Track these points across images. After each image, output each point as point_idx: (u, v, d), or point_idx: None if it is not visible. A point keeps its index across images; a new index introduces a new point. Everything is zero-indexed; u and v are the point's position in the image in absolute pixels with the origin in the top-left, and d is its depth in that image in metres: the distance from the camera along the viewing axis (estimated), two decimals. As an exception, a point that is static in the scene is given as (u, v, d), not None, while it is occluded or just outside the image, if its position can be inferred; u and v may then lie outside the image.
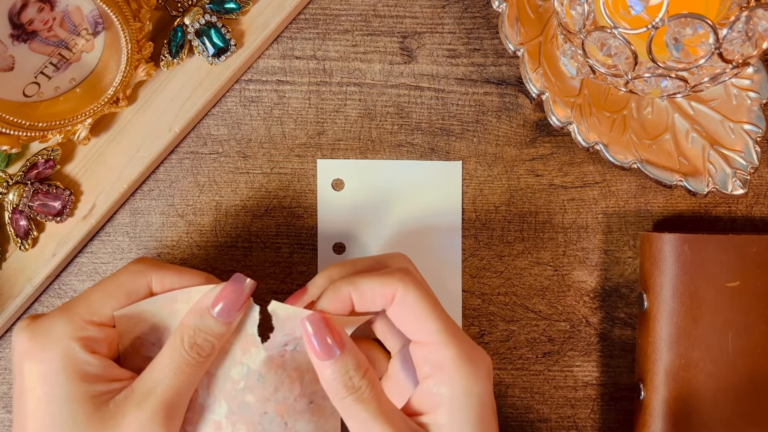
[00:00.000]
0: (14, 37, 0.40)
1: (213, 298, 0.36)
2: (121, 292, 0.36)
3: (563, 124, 0.43)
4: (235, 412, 0.37)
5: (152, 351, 0.37)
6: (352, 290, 0.36)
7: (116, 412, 0.34)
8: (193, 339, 0.35)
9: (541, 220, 0.46)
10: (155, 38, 0.44)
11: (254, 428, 0.37)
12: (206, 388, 0.37)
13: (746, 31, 0.37)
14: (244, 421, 0.37)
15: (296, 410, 0.38)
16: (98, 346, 0.35)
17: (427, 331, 0.36)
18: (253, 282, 0.36)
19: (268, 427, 0.37)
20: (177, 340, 0.35)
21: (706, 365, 0.43)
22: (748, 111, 0.44)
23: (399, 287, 0.36)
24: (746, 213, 0.47)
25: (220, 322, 0.36)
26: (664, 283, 0.43)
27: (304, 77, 0.46)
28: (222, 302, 0.36)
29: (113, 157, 0.44)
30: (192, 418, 0.37)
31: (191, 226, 0.46)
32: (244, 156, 0.46)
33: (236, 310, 0.36)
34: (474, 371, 0.35)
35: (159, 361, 0.35)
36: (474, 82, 0.46)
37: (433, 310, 0.36)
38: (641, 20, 0.39)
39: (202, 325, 0.36)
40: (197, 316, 0.36)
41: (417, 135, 0.46)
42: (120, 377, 0.36)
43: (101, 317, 0.35)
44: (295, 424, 0.38)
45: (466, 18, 0.46)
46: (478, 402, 0.35)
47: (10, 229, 0.43)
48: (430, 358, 0.36)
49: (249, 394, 0.37)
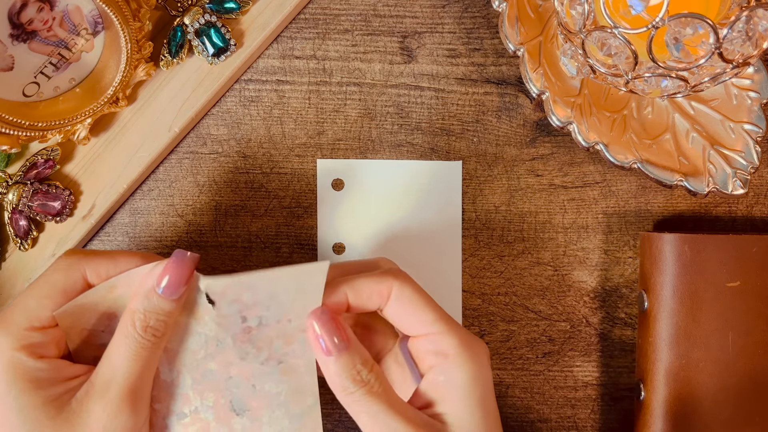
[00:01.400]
0: (14, 37, 0.40)
1: (156, 277, 0.35)
2: (56, 291, 0.35)
3: (563, 124, 0.43)
4: (200, 382, 0.37)
5: (103, 338, 0.37)
6: (347, 289, 0.36)
7: (80, 409, 0.34)
8: (144, 322, 0.35)
9: (541, 220, 0.46)
10: (155, 38, 0.44)
11: (222, 394, 0.37)
12: (167, 364, 0.37)
13: (746, 30, 0.37)
14: (211, 388, 0.37)
15: (263, 372, 0.37)
16: (45, 350, 0.35)
17: (425, 323, 0.36)
18: (195, 255, 0.36)
19: (235, 391, 0.37)
20: (128, 325, 0.35)
21: (707, 365, 0.43)
22: (748, 111, 0.44)
23: (395, 284, 0.36)
24: (746, 213, 0.47)
25: (168, 299, 0.35)
26: (665, 283, 0.43)
27: (304, 77, 0.46)
28: (166, 280, 0.35)
29: (113, 157, 0.44)
30: (158, 395, 0.37)
31: (191, 226, 0.46)
32: (244, 156, 0.46)
33: (182, 285, 0.35)
34: (477, 357, 0.36)
35: (114, 349, 0.35)
36: (474, 82, 0.46)
37: (429, 302, 0.36)
38: (641, 20, 0.39)
39: (151, 306, 0.35)
40: (144, 299, 0.35)
41: (417, 135, 0.46)
42: (76, 374, 0.35)
43: (42, 321, 0.35)
44: (263, 385, 0.37)
45: (466, 18, 0.46)
46: (484, 387, 0.36)
47: (10, 229, 0.43)
48: (431, 348, 0.36)
49: (211, 361, 0.37)
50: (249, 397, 0.38)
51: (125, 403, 0.34)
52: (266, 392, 0.38)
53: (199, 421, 0.38)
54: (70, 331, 0.36)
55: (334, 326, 0.35)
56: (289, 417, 0.38)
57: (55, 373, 0.35)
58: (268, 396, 0.38)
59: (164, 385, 0.37)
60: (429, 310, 0.36)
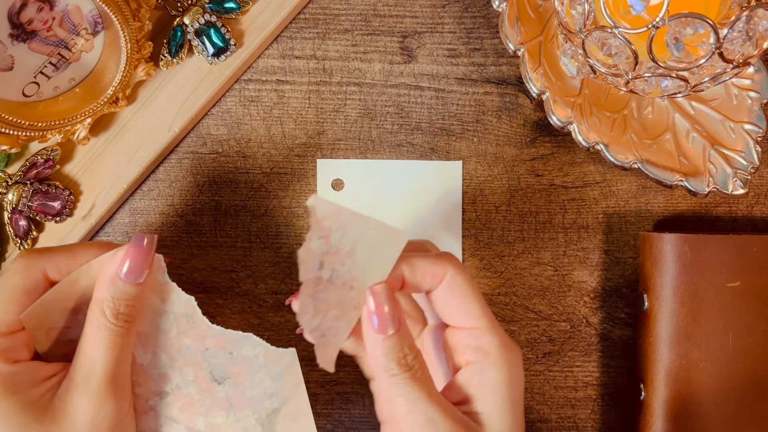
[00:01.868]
0: (14, 37, 0.40)
1: (118, 263, 0.35)
2: (18, 294, 0.35)
3: (563, 123, 0.43)
4: (177, 359, 0.38)
5: (70, 334, 0.37)
6: (405, 266, 0.35)
7: (64, 406, 0.34)
8: (115, 309, 0.35)
9: (542, 220, 0.46)
10: (155, 38, 0.44)
11: (200, 366, 0.38)
12: (141, 348, 0.38)
13: (747, 30, 0.37)
14: (189, 363, 0.38)
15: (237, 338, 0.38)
16: (17, 354, 0.35)
17: (471, 316, 0.35)
18: (153, 236, 0.36)
19: (213, 361, 0.38)
20: (98, 315, 0.35)
21: (707, 365, 0.43)
22: (748, 111, 0.44)
23: (450, 269, 0.35)
24: (747, 213, 0.47)
25: (133, 284, 0.35)
26: (665, 283, 0.43)
27: (304, 77, 0.46)
28: (127, 264, 0.35)
29: (113, 157, 0.44)
30: (138, 379, 0.38)
31: (191, 226, 0.46)
32: (244, 156, 0.46)
33: (145, 269, 0.36)
34: (516, 360, 0.35)
35: (87, 341, 0.35)
36: (474, 81, 0.46)
37: (478, 296, 0.36)
38: (642, 20, 0.39)
39: (117, 292, 0.35)
40: (109, 286, 0.35)
41: (417, 135, 0.46)
42: (52, 373, 0.35)
43: (9, 326, 0.35)
44: (240, 350, 0.38)
45: (466, 18, 0.46)
46: (520, 388, 0.36)
47: (10, 229, 0.43)
48: (472, 343, 0.35)
49: (184, 337, 0.38)
50: (228, 364, 0.38)
51: (108, 393, 0.34)
52: (244, 357, 0.38)
53: (182, 396, 0.38)
54: (36, 332, 0.36)
55: (392, 304, 0.35)
56: (270, 377, 0.38)
57: (32, 375, 0.35)
58: (246, 360, 0.38)
59: (141, 369, 0.38)
60: (477, 304, 0.35)
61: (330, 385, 0.46)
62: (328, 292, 0.36)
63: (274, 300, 0.46)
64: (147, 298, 0.37)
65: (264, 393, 0.38)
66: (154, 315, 0.37)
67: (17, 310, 0.35)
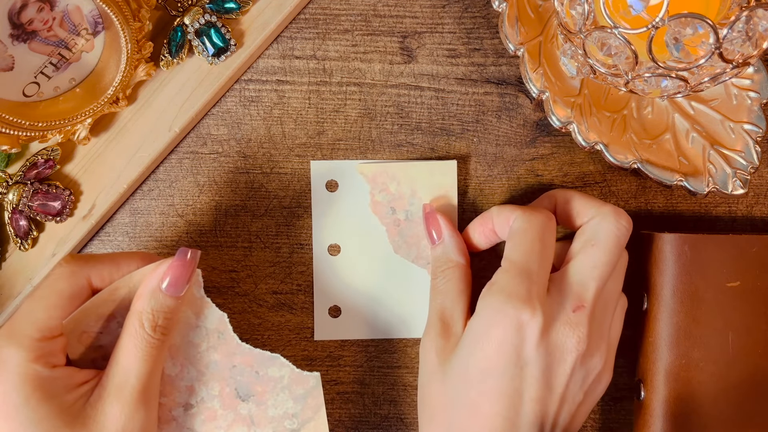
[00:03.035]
0: (14, 37, 0.40)
1: (160, 276, 0.36)
2: (63, 300, 0.35)
3: (563, 124, 0.43)
4: (204, 373, 0.39)
5: (101, 340, 0.37)
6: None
7: (95, 413, 0.34)
8: (153, 321, 0.35)
9: (541, 220, 0.46)
10: (155, 38, 0.44)
11: (226, 383, 0.39)
12: (170, 359, 0.38)
13: (746, 30, 0.37)
14: (215, 378, 0.39)
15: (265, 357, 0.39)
16: (56, 359, 0.35)
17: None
18: (197, 251, 0.37)
19: (239, 378, 0.39)
20: (135, 326, 0.35)
21: (707, 365, 0.43)
22: (748, 111, 0.44)
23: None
24: (746, 213, 0.47)
25: (173, 297, 0.36)
26: (664, 283, 0.43)
27: (304, 77, 0.46)
28: (169, 278, 0.36)
29: (113, 157, 0.44)
30: (164, 389, 0.38)
31: (191, 226, 0.46)
32: (244, 156, 0.46)
33: (186, 282, 0.36)
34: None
35: (123, 351, 0.35)
36: (474, 82, 0.46)
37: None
38: (641, 20, 0.39)
39: (157, 305, 0.36)
40: (150, 298, 0.36)
41: (417, 135, 0.46)
42: (85, 379, 0.36)
43: (52, 331, 0.35)
44: (266, 370, 0.39)
45: (466, 18, 0.46)
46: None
47: (10, 229, 0.43)
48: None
49: (214, 352, 0.39)
50: (253, 383, 0.39)
51: (140, 403, 0.35)
52: (270, 377, 0.39)
53: (206, 410, 0.39)
54: (70, 336, 0.36)
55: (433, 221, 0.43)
56: (293, 398, 0.40)
57: (68, 381, 0.35)
58: (272, 380, 0.39)
59: (169, 380, 0.38)
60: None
61: (330, 385, 0.46)
62: (411, 228, 0.44)
63: (274, 300, 0.46)
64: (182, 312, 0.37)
65: (285, 413, 0.40)
66: (186, 328, 0.38)
67: (61, 315, 0.35)
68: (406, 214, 0.44)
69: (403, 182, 0.45)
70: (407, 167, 0.45)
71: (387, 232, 0.45)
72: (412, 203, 0.45)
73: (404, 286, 0.46)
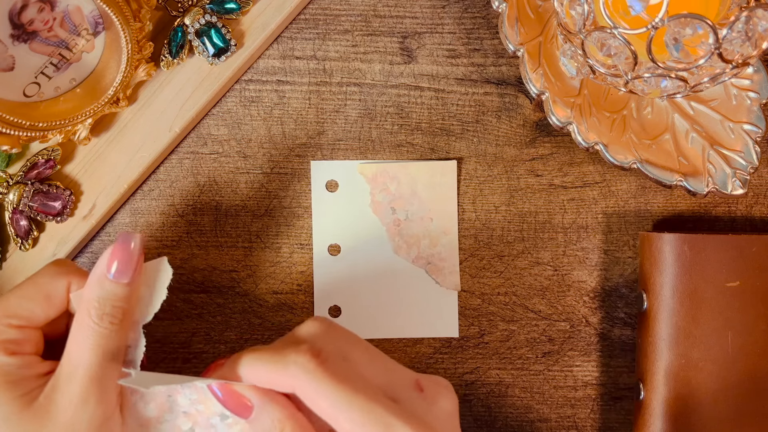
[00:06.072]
0: (14, 38, 0.40)
1: (106, 262, 0.36)
2: (39, 294, 0.36)
3: (563, 124, 0.43)
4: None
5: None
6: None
7: (47, 403, 0.34)
8: (100, 310, 0.35)
9: (541, 220, 0.46)
10: (155, 38, 0.44)
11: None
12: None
13: (746, 31, 0.37)
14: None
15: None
16: (19, 347, 0.35)
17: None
18: (140, 235, 0.36)
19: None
20: (84, 316, 0.35)
21: (706, 365, 0.43)
22: (747, 111, 0.44)
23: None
24: (746, 213, 0.47)
25: (120, 283, 0.35)
26: (664, 283, 0.43)
27: (304, 77, 0.46)
28: (115, 263, 0.35)
29: (113, 157, 0.44)
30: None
31: (191, 226, 0.46)
32: (244, 156, 0.46)
33: (132, 267, 0.36)
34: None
35: (72, 341, 0.35)
36: (474, 82, 0.46)
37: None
38: (641, 20, 0.39)
39: (104, 293, 0.35)
40: (96, 286, 0.35)
41: (417, 135, 0.46)
42: (48, 370, 0.35)
43: (20, 320, 0.35)
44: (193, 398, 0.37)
45: (466, 18, 0.46)
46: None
47: (11, 229, 0.43)
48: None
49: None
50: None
51: (90, 394, 0.34)
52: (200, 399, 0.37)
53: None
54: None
55: (232, 395, 0.35)
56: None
57: (26, 370, 0.35)
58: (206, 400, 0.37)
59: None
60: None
61: (330, 384, 0.46)
62: (411, 228, 0.44)
63: (275, 300, 0.46)
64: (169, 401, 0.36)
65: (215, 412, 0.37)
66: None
67: (33, 308, 0.36)
68: (406, 214, 0.44)
69: (403, 182, 0.45)
70: (407, 167, 0.45)
71: (387, 232, 0.45)
72: (411, 203, 0.45)
73: (404, 286, 0.46)
